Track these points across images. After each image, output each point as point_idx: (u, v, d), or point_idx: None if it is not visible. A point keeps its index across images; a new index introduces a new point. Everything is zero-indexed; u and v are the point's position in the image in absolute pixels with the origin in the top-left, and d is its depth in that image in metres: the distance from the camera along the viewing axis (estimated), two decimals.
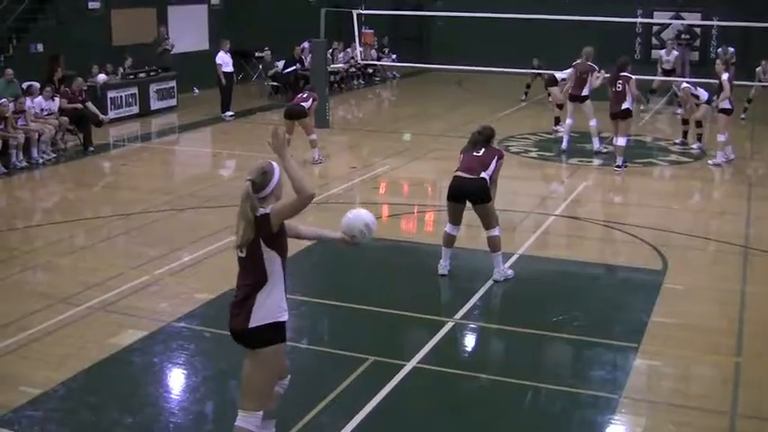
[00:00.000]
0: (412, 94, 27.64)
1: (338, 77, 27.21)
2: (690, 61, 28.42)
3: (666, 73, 23.81)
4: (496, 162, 9.64)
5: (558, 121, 19.29)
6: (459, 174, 9.63)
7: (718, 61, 17.34)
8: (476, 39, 29.77)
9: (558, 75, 19.23)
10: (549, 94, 20.12)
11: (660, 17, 29.99)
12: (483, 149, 9.69)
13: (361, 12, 23.76)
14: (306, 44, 24.52)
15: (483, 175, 9.53)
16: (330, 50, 25.44)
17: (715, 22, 27.98)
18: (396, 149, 17.76)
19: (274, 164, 5.27)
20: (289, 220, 5.22)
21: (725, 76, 16.32)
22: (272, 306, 5.22)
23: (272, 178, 5.19)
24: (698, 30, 29.99)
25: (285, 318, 5.31)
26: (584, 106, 17.38)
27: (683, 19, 29.86)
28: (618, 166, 15.98)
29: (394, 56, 30.37)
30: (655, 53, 29.22)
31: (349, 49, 27.47)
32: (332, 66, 25.40)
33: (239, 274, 5.31)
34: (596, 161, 16.84)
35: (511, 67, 20.81)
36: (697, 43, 30.12)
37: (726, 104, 16.48)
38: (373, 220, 5.77)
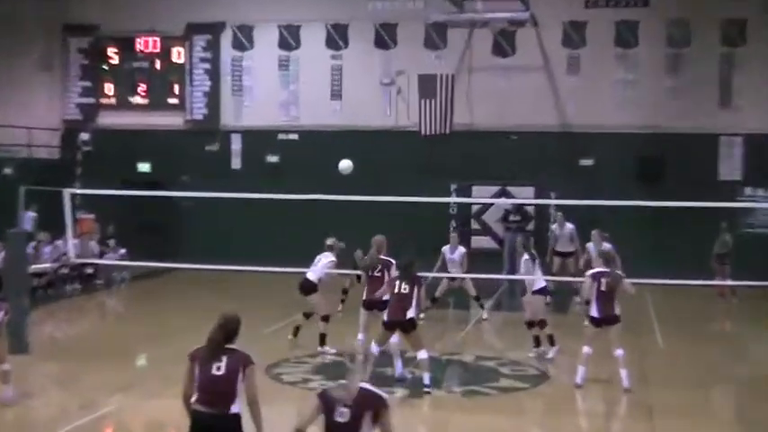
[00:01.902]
0: (149, 302, 27.64)
1: (44, 281, 26.98)
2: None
3: (454, 279, 23.96)
4: (243, 372, 9.46)
5: (323, 340, 19.82)
6: (198, 408, 9.42)
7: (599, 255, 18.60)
8: (240, 225, 30.48)
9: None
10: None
11: (481, 193, 31.78)
12: (225, 359, 9.44)
13: (77, 191, 23.91)
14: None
15: (234, 409, 9.37)
16: (33, 244, 25.26)
17: (552, 201, 29.79)
18: (126, 382, 17.63)
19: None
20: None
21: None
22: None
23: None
24: (530, 209, 31.96)
25: None
26: (383, 315, 17.82)
27: (510, 195, 31.78)
28: (426, 387, 16.56)
29: (123, 251, 30.49)
30: (475, 241, 30.88)
31: (59, 242, 27.31)
32: (35, 266, 25.16)
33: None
34: (400, 391, 17.04)
35: (289, 263, 21.17)
36: (531, 226, 31.83)
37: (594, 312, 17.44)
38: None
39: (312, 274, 20.19)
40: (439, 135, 31.78)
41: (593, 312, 17.32)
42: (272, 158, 33.49)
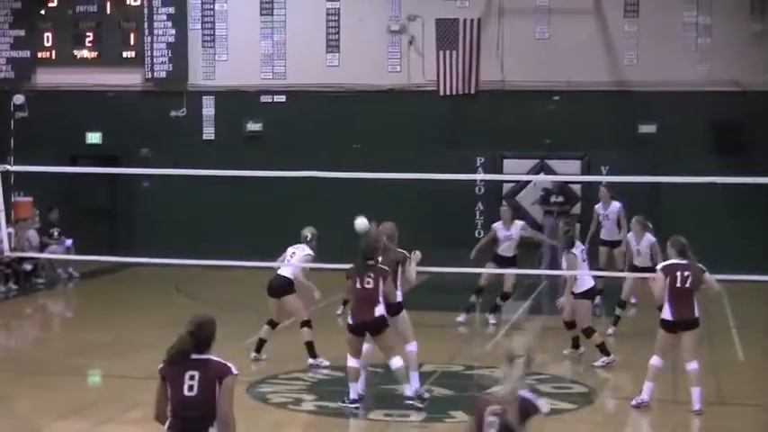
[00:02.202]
0: (102, 306, 27.69)
1: None
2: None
3: (505, 262, 23.82)
4: (220, 385, 9.46)
5: (312, 349, 19.79)
6: None
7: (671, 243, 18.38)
8: (213, 209, 30.57)
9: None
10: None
11: (514, 168, 31.81)
12: (197, 374, 9.56)
13: (10, 168, 23.95)
14: None
15: None
16: None
17: (604, 177, 29.70)
18: (76, 405, 17.69)
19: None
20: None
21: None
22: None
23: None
24: (576, 188, 31.89)
25: None
26: (397, 321, 17.79)
27: (551, 171, 31.71)
28: (410, 399, 16.76)
29: (69, 242, 30.56)
30: None
31: None
32: None
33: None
34: (415, 415, 17.01)
35: (274, 256, 21.17)
36: (578, 209, 31.53)
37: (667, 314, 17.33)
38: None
39: (286, 269, 20.02)
40: (462, 95, 31.98)
41: (666, 315, 17.02)
42: (254, 126, 33.53)
